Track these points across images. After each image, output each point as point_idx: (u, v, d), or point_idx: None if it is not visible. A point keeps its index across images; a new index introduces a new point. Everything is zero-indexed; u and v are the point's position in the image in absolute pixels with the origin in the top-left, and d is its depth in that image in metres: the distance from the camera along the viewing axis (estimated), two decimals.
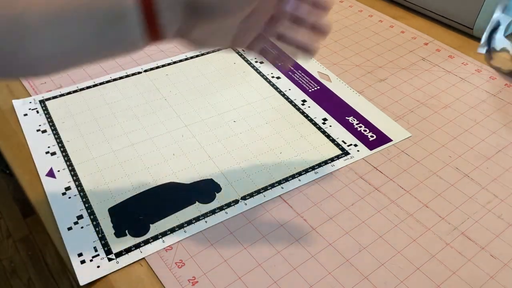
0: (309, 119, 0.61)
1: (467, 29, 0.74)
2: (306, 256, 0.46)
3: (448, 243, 0.46)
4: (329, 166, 0.54)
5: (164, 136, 0.58)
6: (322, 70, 0.69)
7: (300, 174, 0.53)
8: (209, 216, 0.49)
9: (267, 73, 0.68)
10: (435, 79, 0.67)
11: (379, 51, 0.73)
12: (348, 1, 0.85)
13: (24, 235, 1.42)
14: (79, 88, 0.65)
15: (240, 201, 0.50)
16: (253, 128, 0.59)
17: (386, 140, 0.58)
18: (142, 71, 0.68)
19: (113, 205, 0.50)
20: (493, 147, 0.57)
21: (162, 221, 0.48)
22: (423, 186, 0.52)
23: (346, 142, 0.57)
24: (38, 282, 1.31)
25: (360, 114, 0.61)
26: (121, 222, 0.48)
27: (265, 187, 0.52)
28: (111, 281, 0.44)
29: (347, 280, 0.44)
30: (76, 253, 0.45)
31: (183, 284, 0.43)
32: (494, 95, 0.64)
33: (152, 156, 0.55)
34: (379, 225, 0.48)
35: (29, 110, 0.61)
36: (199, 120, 0.60)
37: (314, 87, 0.66)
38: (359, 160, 0.55)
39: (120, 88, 0.65)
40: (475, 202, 0.50)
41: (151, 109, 0.61)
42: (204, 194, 0.51)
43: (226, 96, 0.64)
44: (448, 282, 0.43)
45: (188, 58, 0.71)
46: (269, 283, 0.43)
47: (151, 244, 0.46)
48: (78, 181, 0.52)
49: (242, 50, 0.71)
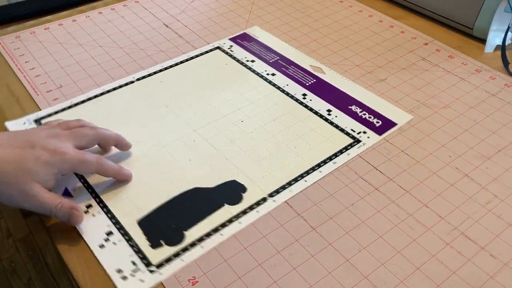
0: (314, 111, 0.61)
1: (467, 29, 0.74)
2: (306, 256, 0.46)
3: (448, 243, 0.47)
4: (345, 155, 0.55)
5: (176, 143, 0.57)
6: (314, 63, 0.69)
7: (319, 165, 0.54)
8: (241, 216, 0.48)
9: (261, 71, 0.68)
10: (435, 79, 0.67)
11: (379, 51, 0.73)
12: (348, 1, 0.85)
13: (24, 235, 1.42)
14: (73, 103, 0.62)
15: (268, 199, 0.50)
16: (262, 126, 0.59)
17: (391, 124, 0.59)
18: (134, 80, 0.66)
19: (141, 217, 0.48)
20: (493, 147, 0.57)
21: (195, 227, 0.47)
22: (423, 186, 0.52)
23: (355, 130, 0.58)
24: (38, 282, 1.31)
25: (361, 102, 0.63)
26: (154, 233, 0.47)
27: (289, 182, 0.52)
28: (111, 280, 0.44)
29: (347, 280, 0.44)
30: (115, 269, 0.44)
31: (183, 284, 0.43)
32: (494, 95, 0.64)
33: (168, 164, 0.54)
34: (379, 225, 0.48)
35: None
36: (207, 123, 0.59)
37: (311, 81, 0.66)
38: (358, 159, 0.55)
39: (116, 99, 0.63)
40: (475, 202, 0.50)
41: (154, 117, 0.60)
42: (231, 195, 0.50)
43: (226, 97, 0.64)
44: (448, 282, 0.43)
45: (178, 63, 0.69)
46: (269, 283, 0.43)
47: (190, 251, 0.45)
48: (98, 197, 0.50)
49: (230, 50, 0.71)
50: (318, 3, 0.84)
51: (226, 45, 0.73)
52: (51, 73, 0.68)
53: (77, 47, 0.74)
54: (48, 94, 0.65)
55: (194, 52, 0.72)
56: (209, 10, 0.83)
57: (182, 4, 0.84)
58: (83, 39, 0.75)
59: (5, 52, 0.73)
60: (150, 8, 0.83)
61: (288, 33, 0.76)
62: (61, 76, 0.68)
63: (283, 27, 0.78)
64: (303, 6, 0.84)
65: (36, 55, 0.72)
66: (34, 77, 0.68)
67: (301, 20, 0.80)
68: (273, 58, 0.70)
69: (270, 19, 0.80)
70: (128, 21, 0.80)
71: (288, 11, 0.82)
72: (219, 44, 0.73)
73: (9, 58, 0.72)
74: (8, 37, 0.76)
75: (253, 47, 0.73)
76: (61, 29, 0.78)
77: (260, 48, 0.73)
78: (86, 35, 0.76)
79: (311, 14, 0.81)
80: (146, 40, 0.75)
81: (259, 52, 0.72)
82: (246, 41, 0.74)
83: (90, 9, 0.83)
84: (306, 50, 0.73)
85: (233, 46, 0.73)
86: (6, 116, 0.62)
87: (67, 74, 0.68)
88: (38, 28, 0.78)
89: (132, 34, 0.76)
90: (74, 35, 0.76)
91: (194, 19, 0.80)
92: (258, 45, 0.73)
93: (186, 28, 0.78)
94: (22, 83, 0.67)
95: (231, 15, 0.81)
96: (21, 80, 0.67)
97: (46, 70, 0.69)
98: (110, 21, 0.80)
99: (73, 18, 0.80)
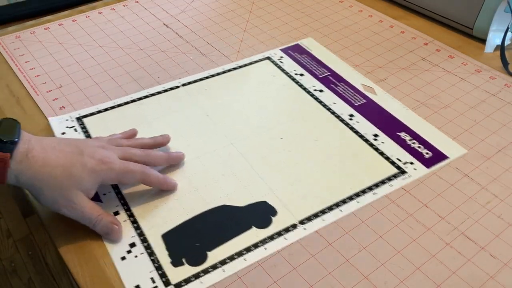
0: (359, 135, 0.57)
1: (467, 29, 0.74)
2: (306, 256, 0.46)
3: (448, 243, 0.46)
4: (387, 186, 0.51)
5: (211, 154, 0.55)
6: (366, 83, 0.66)
7: (358, 195, 0.50)
8: (268, 242, 0.46)
9: (309, 86, 0.65)
10: (435, 79, 0.67)
11: (379, 51, 0.73)
12: (348, 1, 0.85)
13: (24, 235, 1.42)
14: (116, 104, 0.62)
15: (299, 226, 0.48)
16: (302, 145, 0.56)
17: (442, 157, 0.55)
18: (179, 85, 0.65)
19: (166, 231, 0.47)
20: (493, 147, 0.57)
21: (219, 248, 0.46)
22: (423, 186, 0.52)
23: (401, 160, 0.54)
24: (38, 282, 1.31)
25: (411, 129, 0.58)
26: (177, 250, 0.45)
27: (322, 210, 0.49)
28: (110, 280, 0.44)
29: (347, 280, 0.44)
30: (133, 285, 0.43)
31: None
32: (494, 95, 0.64)
33: (200, 176, 0.52)
34: (379, 225, 0.48)
35: (66, 128, 0.59)
36: (245, 137, 0.57)
37: (360, 101, 0.63)
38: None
39: (158, 104, 0.62)
40: (475, 202, 0.50)
41: (193, 125, 0.59)
42: (260, 218, 0.48)
43: (269, 111, 0.61)
44: (448, 282, 0.43)
45: (226, 71, 0.68)
46: (269, 283, 0.43)
47: (210, 273, 0.44)
48: (127, 205, 0.49)
49: (280, 62, 0.69)
50: (318, 3, 0.84)
51: (276, 56, 0.71)
52: (51, 73, 0.68)
53: (77, 47, 0.74)
54: (48, 94, 0.65)
55: (243, 61, 0.70)
56: (209, 10, 0.83)
57: (182, 4, 0.84)
58: (83, 39, 0.75)
59: (5, 52, 0.73)
60: (150, 8, 0.83)
61: (288, 33, 0.76)
62: (61, 76, 0.68)
63: (283, 27, 0.78)
64: (303, 6, 0.84)
65: (36, 55, 0.72)
66: (34, 77, 0.68)
67: (301, 20, 0.80)
68: (324, 74, 0.67)
69: (270, 19, 0.80)
70: (128, 21, 0.80)
71: (288, 11, 0.82)
72: (269, 54, 0.71)
73: (9, 58, 0.72)
74: (8, 37, 0.76)
75: (304, 60, 0.70)
76: (61, 29, 0.78)
77: (311, 61, 0.69)
78: (86, 35, 0.76)
79: (311, 14, 0.81)
80: (146, 40, 0.75)
81: (310, 66, 0.69)
82: (297, 53, 0.71)
83: (90, 9, 0.83)
84: None
85: (283, 57, 0.70)
86: (6, 116, 0.62)
87: (67, 74, 0.68)
88: (38, 28, 0.78)
89: (132, 34, 0.76)
90: (74, 35, 0.76)
91: (194, 19, 0.80)
92: (310, 58, 0.70)
93: (186, 28, 0.78)
94: (22, 83, 0.67)
95: (231, 15, 0.81)
96: (21, 80, 0.67)
97: (46, 70, 0.69)
98: (110, 21, 0.80)
99: (73, 18, 0.80)
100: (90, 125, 0.59)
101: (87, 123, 0.59)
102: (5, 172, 0.42)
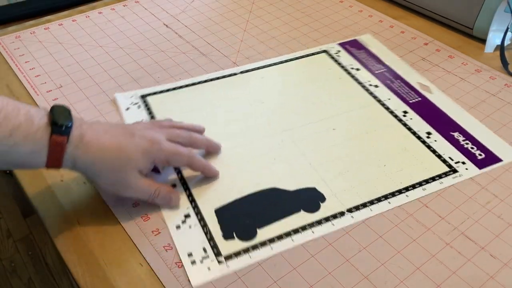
0: (412, 131, 0.58)
1: (467, 29, 0.74)
2: (306, 256, 0.46)
3: (448, 243, 0.46)
4: (437, 183, 0.52)
5: (264, 140, 0.57)
6: (423, 81, 0.66)
7: (407, 189, 0.51)
8: (315, 226, 0.48)
9: (364, 81, 0.66)
10: (435, 79, 0.67)
11: None
12: (348, 1, 0.85)
13: (24, 235, 1.42)
14: (178, 85, 0.65)
15: (346, 214, 0.49)
16: (354, 137, 0.57)
17: (495, 160, 0.55)
18: (238, 73, 0.68)
19: (219, 206, 0.49)
20: None
21: (268, 227, 0.47)
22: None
23: (453, 159, 0.54)
24: (38, 282, 1.31)
25: (465, 130, 0.58)
26: (228, 224, 0.48)
27: (371, 201, 0.50)
28: (110, 280, 0.44)
29: (347, 280, 0.44)
30: (186, 253, 0.45)
31: (183, 284, 0.43)
32: (494, 95, 0.64)
33: (253, 160, 0.54)
34: (379, 225, 0.48)
35: (131, 104, 0.62)
36: (298, 126, 0.59)
37: (415, 98, 0.63)
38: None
39: (218, 89, 0.65)
40: (475, 202, 0.50)
41: (248, 112, 0.61)
42: (309, 202, 0.50)
43: (323, 102, 0.62)
44: (448, 282, 0.43)
45: (283, 62, 0.70)
46: (269, 283, 0.43)
47: (259, 250, 0.46)
48: (183, 179, 0.52)
49: (337, 55, 0.70)
50: (318, 3, 0.84)
51: (333, 50, 0.72)
52: (51, 73, 0.68)
53: (77, 47, 0.74)
54: (48, 94, 0.65)
55: (300, 53, 0.71)
56: (209, 10, 0.83)
57: (182, 4, 0.84)
58: (83, 39, 0.75)
59: (5, 52, 0.73)
60: (150, 8, 0.83)
61: (288, 33, 0.76)
62: (61, 76, 0.68)
63: (283, 27, 0.78)
64: (303, 6, 0.84)
65: (36, 55, 0.72)
66: (34, 77, 0.68)
67: (301, 20, 0.80)
68: (380, 69, 0.68)
69: (270, 19, 0.80)
70: (128, 21, 0.80)
71: (288, 11, 0.82)
72: (326, 48, 0.72)
73: (9, 58, 0.72)
74: (8, 37, 0.76)
75: (361, 55, 0.70)
76: (61, 29, 0.78)
77: (368, 57, 0.70)
78: (86, 35, 0.76)
79: (311, 14, 0.81)
80: (146, 40, 0.75)
81: (366, 61, 0.69)
82: (355, 48, 0.72)
83: (90, 9, 0.83)
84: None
85: (340, 51, 0.71)
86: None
87: (67, 74, 0.68)
88: (38, 28, 0.78)
89: (132, 34, 0.77)
90: (74, 35, 0.76)
91: (194, 19, 0.80)
92: (367, 54, 0.71)
93: (186, 28, 0.78)
94: (22, 83, 0.67)
95: (231, 15, 0.81)
96: (21, 80, 0.67)
97: (46, 70, 0.69)
98: (110, 21, 0.80)
99: (73, 18, 0.80)
100: (153, 104, 0.62)
101: (150, 102, 0.62)
102: (62, 156, 0.43)
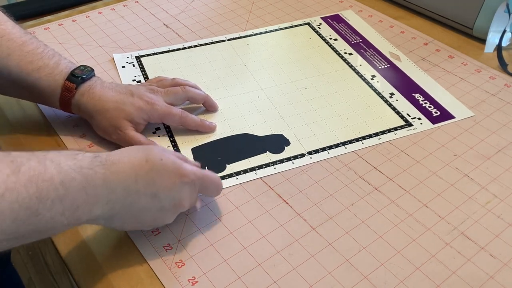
0: (377, 92, 0.64)
1: (467, 29, 0.74)
2: (306, 256, 0.46)
3: (448, 243, 0.47)
4: (392, 134, 0.58)
5: (242, 96, 0.64)
6: (393, 51, 0.72)
7: (364, 138, 0.58)
8: (278, 164, 0.55)
9: (340, 49, 0.73)
10: (435, 79, 0.67)
11: None
12: (348, 1, 0.85)
13: None
14: (170, 49, 0.73)
15: (306, 155, 0.56)
16: (323, 95, 0.64)
17: (449, 117, 0.60)
18: (225, 40, 0.75)
19: (196, 145, 0.57)
20: (493, 147, 0.57)
21: (236, 163, 0.55)
22: (423, 186, 0.52)
23: (410, 115, 0.61)
24: (38, 282, 1.31)
25: (426, 92, 0.64)
26: (202, 160, 0.53)
27: (330, 146, 0.57)
28: (110, 280, 0.44)
29: (347, 280, 0.44)
30: None
31: (183, 284, 0.43)
32: (494, 95, 0.64)
33: (231, 111, 0.62)
34: (379, 225, 0.48)
35: (127, 63, 0.70)
36: (274, 85, 0.66)
37: (384, 65, 0.69)
38: (358, 159, 0.55)
39: (206, 53, 0.72)
40: (474, 202, 0.50)
41: (232, 72, 0.69)
42: (275, 145, 0.57)
43: (300, 66, 0.69)
44: (448, 282, 0.43)
45: (268, 32, 0.77)
46: (269, 283, 0.43)
47: (226, 180, 0.53)
48: (168, 127, 0.59)
49: (318, 27, 0.76)
50: (318, 3, 0.84)
51: (316, 23, 0.79)
52: None
53: (77, 47, 0.74)
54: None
55: (284, 24, 0.78)
56: (209, 10, 0.83)
57: (182, 4, 0.84)
58: (83, 39, 0.75)
59: None
60: (150, 8, 0.83)
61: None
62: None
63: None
64: (303, 6, 0.84)
65: None
66: None
67: (301, 20, 0.80)
68: (356, 40, 0.74)
69: (270, 19, 0.80)
70: (128, 21, 0.80)
71: (288, 11, 0.82)
72: (309, 20, 0.79)
73: None
74: None
75: (340, 28, 0.77)
76: (61, 29, 0.78)
77: (347, 29, 0.77)
78: (86, 35, 0.76)
79: (311, 14, 0.81)
80: (146, 40, 0.75)
81: (344, 33, 0.76)
82: (336, 21, 0.79)
83: (90, 9, 0.83)
84: None
85: (322, 24, 0.78)
86: (6, 116, 0.62)
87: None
88: (38, 28, 0.78)
89: (132, 34, 0.76)
90: (74, 35, 0.76)
91: (194, 19, 0.80)
92: (346, 27, 0.77)
93: (186, 28, 0.78)
94: None
95: (231, 15, 0.81)
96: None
97: None
98: (110, 21, 0.80)
99: (73, 18, 0.80)
100: (146, 64, 0.70)
101: (144, 62, 0.70)
102: (71, 100, 0.55)
